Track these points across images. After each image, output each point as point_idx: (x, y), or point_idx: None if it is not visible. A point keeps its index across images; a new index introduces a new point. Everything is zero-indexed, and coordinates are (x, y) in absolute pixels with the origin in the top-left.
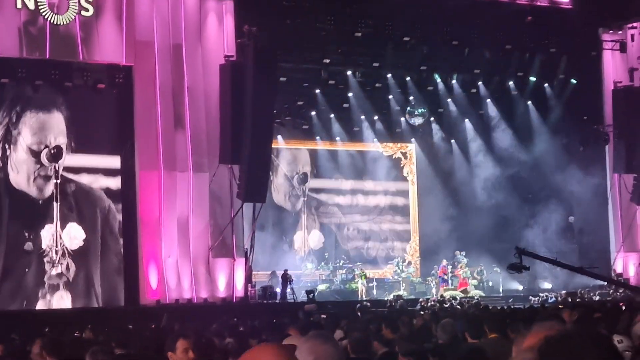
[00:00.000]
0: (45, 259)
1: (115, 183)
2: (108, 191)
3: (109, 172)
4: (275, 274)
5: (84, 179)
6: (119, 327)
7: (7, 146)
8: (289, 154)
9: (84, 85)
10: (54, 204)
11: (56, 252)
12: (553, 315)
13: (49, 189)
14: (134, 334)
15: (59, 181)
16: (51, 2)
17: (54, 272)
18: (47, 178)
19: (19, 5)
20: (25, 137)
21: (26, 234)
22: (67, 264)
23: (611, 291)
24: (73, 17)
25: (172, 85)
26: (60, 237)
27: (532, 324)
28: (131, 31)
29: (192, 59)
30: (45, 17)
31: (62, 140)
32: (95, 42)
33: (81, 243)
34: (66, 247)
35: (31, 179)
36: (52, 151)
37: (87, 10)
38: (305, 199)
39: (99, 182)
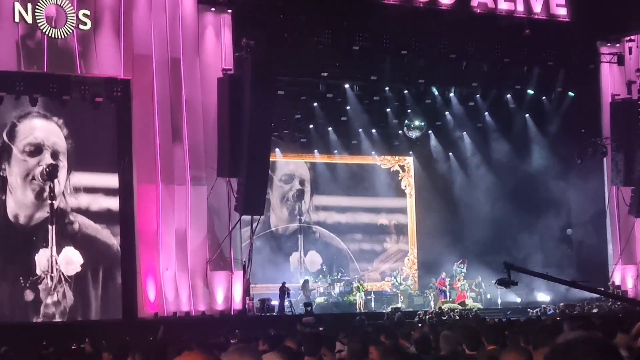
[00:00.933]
0: (40, 287)
1: (114, 203)
2: (107, 211)
3: (108, 191)
4: (284, 286)
5: (82, 199)
6: (117, 340)
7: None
8: (286, 168)
9: (82, 98)
10: (49, 227)
11: (52, 278)
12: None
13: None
14: (132, 346)
15: (55, 202)
16: (49, 16)
17: (49, 300)
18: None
19: (17, 19)
20: (21, 151)
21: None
22: (64, 291)
23: (609, 303)
24: (71, 31)
25: (170, 98)
26: (56, 262)
27: (530, 336)
28: (129, 45)
29: (190, 72)
30: (43, 30)
31: (60, 156)
32: (93, 55)
33: (78, 268)
34: (62, 273)
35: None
36: (47, 169)
37: (85, 24)
38: (302, 216)
39: (97, 202)
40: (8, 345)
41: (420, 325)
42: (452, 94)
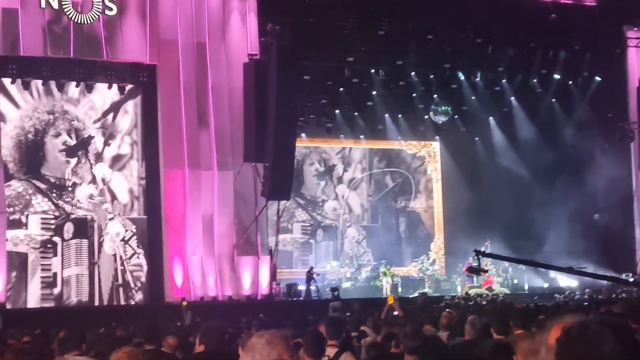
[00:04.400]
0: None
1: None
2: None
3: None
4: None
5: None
6: (145, 324)
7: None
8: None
9: (109, 84)
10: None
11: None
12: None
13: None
14: (162, 330)
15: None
16: (75, 2)
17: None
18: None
19: (43, 5)
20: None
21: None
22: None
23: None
24: (97, 16)
25: (195, 83)
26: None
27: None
28: (155, 30)
29: (215, 57)
30: (69, 16)
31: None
32: (119, 41)
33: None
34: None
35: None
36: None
37: (110, 9)
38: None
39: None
40: (38, 328)
41: (447, 310)
42: (478, 79)
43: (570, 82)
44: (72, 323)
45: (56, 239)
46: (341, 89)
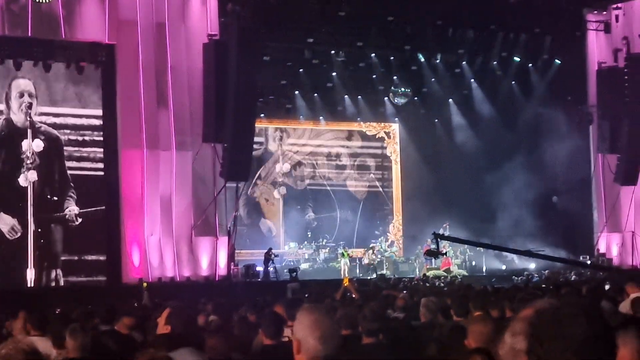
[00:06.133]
0: None
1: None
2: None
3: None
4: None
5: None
6: (103, 304)
7: None
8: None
9: (67, 63)
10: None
11: None
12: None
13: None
14: (118, 311)
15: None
16: None
17: None
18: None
19: None
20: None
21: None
22: None
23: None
24: None
25: (155, 63)
26: None
27: (515, 303)
28: (114, 9)
29: (175, 37)
30: None
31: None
32: (78, 20)
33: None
34: None
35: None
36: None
37: None
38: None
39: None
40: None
41: (405, 292)
42: (438, 61)
43: (530, 65)
44: (28, 303)
45: None
46: (301, 70)
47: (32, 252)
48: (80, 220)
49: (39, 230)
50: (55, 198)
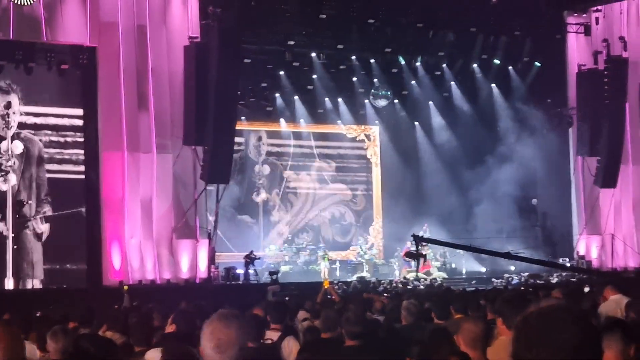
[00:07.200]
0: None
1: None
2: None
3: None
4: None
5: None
6: (82, 307)
7: None
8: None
9: (48, 66)
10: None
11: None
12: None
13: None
14: (98, 314)
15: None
16: None
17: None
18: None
19: None
20: None
21: None
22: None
23: (575, 274)
24: None
25: (136, 66)
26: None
27: (497, 306)
28: (95, 12)
29: (156, 40)
30: None
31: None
32: (59, 22)
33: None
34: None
35: None
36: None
37: None
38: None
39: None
40: None
41: (385, 294)
42: (418, 64)
43: (510, 67)
44: (8, 306)
45: None
46: (281, 73)
47: (11, 259)
48: (47, 224)
49: (14, 235)
50: (31, 202)
